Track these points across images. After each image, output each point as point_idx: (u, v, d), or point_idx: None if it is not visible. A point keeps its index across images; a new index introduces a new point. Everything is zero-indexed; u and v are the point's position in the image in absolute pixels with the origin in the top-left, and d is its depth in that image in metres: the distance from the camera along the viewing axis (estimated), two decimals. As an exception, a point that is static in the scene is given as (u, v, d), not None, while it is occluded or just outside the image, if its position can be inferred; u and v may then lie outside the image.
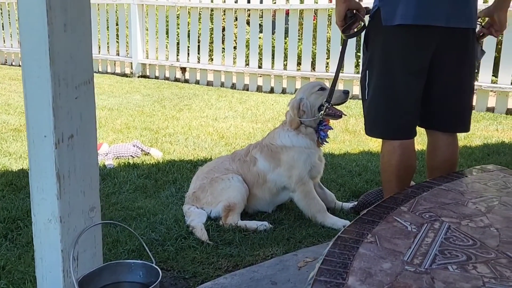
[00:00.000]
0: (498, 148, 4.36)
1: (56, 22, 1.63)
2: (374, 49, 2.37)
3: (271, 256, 2.49)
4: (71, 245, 1.76)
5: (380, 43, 2.33)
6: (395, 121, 2.37)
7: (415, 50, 2.29)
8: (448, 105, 2.40)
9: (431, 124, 2.47)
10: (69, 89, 1.71)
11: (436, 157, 2.49)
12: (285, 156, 2.87)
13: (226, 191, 2.83)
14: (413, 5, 2.21)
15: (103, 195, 3.18)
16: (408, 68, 2.29)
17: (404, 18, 2.23)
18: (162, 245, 2.54)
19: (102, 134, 4.67)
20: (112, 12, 8.71)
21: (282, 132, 2.93)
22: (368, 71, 2.41)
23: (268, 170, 2.90)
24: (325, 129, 2.91)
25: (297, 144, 2.88)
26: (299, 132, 2.89)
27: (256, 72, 7.58)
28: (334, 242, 1.26)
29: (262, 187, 2.92)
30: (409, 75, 2.30)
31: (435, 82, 2.35)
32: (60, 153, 1.70)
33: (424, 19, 2.21)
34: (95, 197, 1.86)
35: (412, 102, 2.35)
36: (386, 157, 2.43)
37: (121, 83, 7.88)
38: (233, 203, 2.80)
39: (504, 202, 1.53)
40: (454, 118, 2.43)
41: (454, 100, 2.39)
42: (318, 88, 2.92)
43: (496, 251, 1.23)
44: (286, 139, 2.89)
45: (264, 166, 2.91)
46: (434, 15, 2.22)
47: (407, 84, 2.31)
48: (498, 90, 5.97)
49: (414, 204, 1.51)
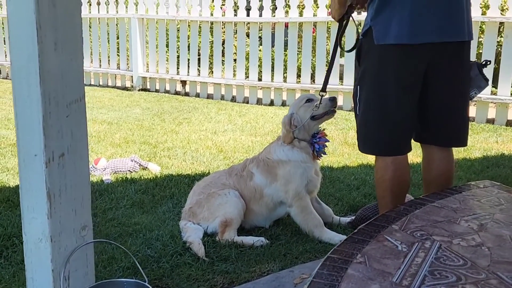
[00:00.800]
0: (497, 161, 4.33)
1: (46, 41, 1.64)
2: (366, 65, 2.37)
3: (267, 272, 2.47)
4: (62, 265, 1.75)
5: (372, 60, 2.33)
6: (386, 137, 2.37)
7: (407, 68, 2.29)
8: (443, 120, 2.38)
9: (426, 139, 2.47)
10: (60, 107, 1.70)
11: (432, 171, 2.47)
12: (281, 171, 2.87)
13: (223, 207, 2.82)
14: (405, 24, 2.21)
15: (100, 211, 3.17)
16: (400, 84, 2.29)
17: (396, 38, 2.23)
18: (158, 262, 2.53)
19: (101, 148, 4.67)
20: (113, 26, 8.76)
21: (277, 147, 2.93)
22: (359, 86, 2.41)
23: (264, 184, 2.89)
24: (320, 141, 2.90)
25: (293, 158, 2.87)
26: (294, 146, 2.88)
27: (256, 85, 7.59)
28: (323, 263, 1.25)
29: (259, 202, 2.90)
30: (400, 91, 2.30)
31: (429, 97, 2.35)
32: (51, 172, 1.69)
33: (416, 38, 2.21)
34: (87, 216, 1.85)
35: (403, 118, 2.34)
36: (380, 173, 2.42)
37: (122, 96, 7.90)
38: (229, 218, 2.78)
39: (496, 219, 1.51)
40: (449, 133, 2.42)
41: (449, 115, 2.37)
42: (305, 101, 2.92)
43: (487, 272, 1.21)
44: (281, 154, 2.89)
45: (260, 181, 2.90)
46: (427, 32, 2.22)
47: (398, 100, 2.30)
48: (498, 101, 5.96)
49: (405, 222, 1.50)
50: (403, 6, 2.21)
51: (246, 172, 2.95)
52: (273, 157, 2.90)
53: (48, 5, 1.64)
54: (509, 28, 5.89)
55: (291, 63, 7.33)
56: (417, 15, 2.21)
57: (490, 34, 6.00)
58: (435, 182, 2.42)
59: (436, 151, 2.44)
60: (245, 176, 2.94)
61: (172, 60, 8.32)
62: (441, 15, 2.22)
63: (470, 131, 5.37)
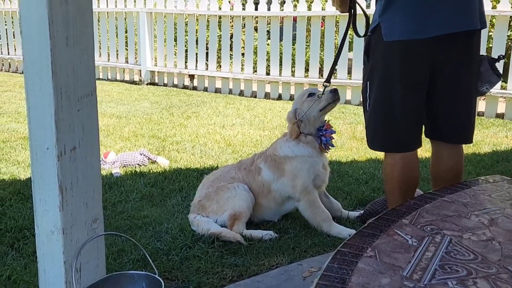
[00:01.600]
0: (507, 155, 4.31)
1: (58, 36, 1.65)
2: (375, 61, 2.34)
3: (276, 265, 2.48)
4: (73, 257, 1.76)
5: (380, 56, 2.31)
6: (394, 134, 2.35)
7: (415, 64, 2.25)
8: (449, 116, 2.36)
9: (434, 135, 2.44)
10: (71, 101, 1.71)
11: (440, 167, 2.45)
12: (288, 166, 2.88)
13: (232, 200, 2.84)
14: (411, 19, 2.19)
15: (109, 204, 3.20)
16: (407, 81, 2.26)
17: (403, 34, 2.20)
18: (167, 255, 2.55)
19: (110, 142, 4.70)
20: (121, 20, 8.78)
21: (283, 143, 2.94)
22: (369, 82, 2.38)
23: (272, 180, 2.91)
24: (326, 133, 2.90)
25: (299, 153, 2.88)
26: (299, 141, 2.89)
27: (264, 79, 7.58)
28: (333, 257, 1.25)
29: (267, 196, 2.92)
30: (408, 88, 2.27)
31: (436, 93, 2.31)
32: (63, 165, 1.71)
33: (423, 33, 2.18)
34: (98, 209, 1.86)
35: (411, 115, 2.32)
36: (388, 169, 2.40)
37: (130, 90, 7.93)
38: (239, 212, 2.80)
39: (507, 214, 1.51)
40: (455, 130, 2.38)
41: (455, 111, 2.34)
42: (307, 95, 2.93)
43: (498, 266, 1.21)
44: (287, 150, 2.90)
45: (268, 176, 2.92)
46: (434, 25, 2.18)
47: (405, 97, 2.27)
48: (508, 96, 5.92)
49: (416, 216, 1.50)
50: (409, 1, 2.19)
51: (254, 167, 2.96)
52: (280, 153, 2.92)
53: (60, 1, 1.65)
54: (520, 22, 5.84)
55: (299, 57, 7.31)
56: (423, 9, 2.18)
57: (501, 28, 5.96)
58: (443, 177, 2.39)
59: (445, 147, 2.41)
60: (253, 171, 2.95)
61: (180, 54, 8.33)
62: (449, 5, 2.18)
63: (480, 126, 5.37)
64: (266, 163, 2.94)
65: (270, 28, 7.56)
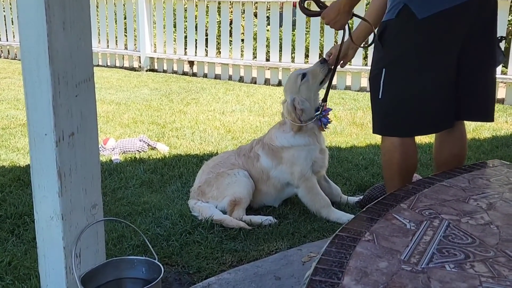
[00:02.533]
0: (507, 140, 4.31)
1: (55, 21, 1.63)
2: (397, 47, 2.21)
3: (275, 251, 2.49)
4: (73, 242, 1.77)
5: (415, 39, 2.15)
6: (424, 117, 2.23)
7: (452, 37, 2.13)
8: (478, 92, 2.25)
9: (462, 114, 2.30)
10: (69, 87, 1.71)
11: (444, 153, 2.41)
12: (285, 154, 2.88)
13: (232, 186, 2.84)
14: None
15: (109, 190, 3.20)
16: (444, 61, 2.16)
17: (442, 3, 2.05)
18: (167, 240, 2.55)
19: (109, 129, 4.69)
20: (120, 6, 8.72)
21: (279, 133, 2.91)
22: (385, 69, 2.23)
23: (270, 167, 2.91)
24: (326, 113, 2.85)
25: (295, 143, 2.86)
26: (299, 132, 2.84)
27: (264, 65, 7.55)
28: (332, 241, 1.26)
29: (266, 183, 2.93)
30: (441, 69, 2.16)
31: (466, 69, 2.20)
32: (61, 151, 1.70)
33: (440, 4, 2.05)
34: (97, 194, 1.87)
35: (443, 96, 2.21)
36: (387, 155, 2.36)
37: (129, 77, 7.90)
38: (239, 198, 2.81)
39: (505, 198, 1.51)
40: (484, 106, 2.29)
41: (485, 86, 2.25)
42: (300, 78, 2.83)
43: (495, 250, 1.21)
44: (284, 140, 2.88)
45: (266, 163, 2.92)
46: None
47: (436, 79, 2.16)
48: (508, 81, 5.90)
49: (414, 201, 1.50)
50: None
51: (253, 153, 2.96)
52: (276, 144, 2.90)
53: (56, -15, 1.63)
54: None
55: (299, 43, 7.27)
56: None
57: (501, 13, 5.90)
58: (446, 164, 2.30)
59: (450, 133, 2.34)
60: (252, 157, 2.95)
61: (180, 41, 8.29)
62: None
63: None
64: (263, 150, 2.93)
65: (270, 14, 7.51)
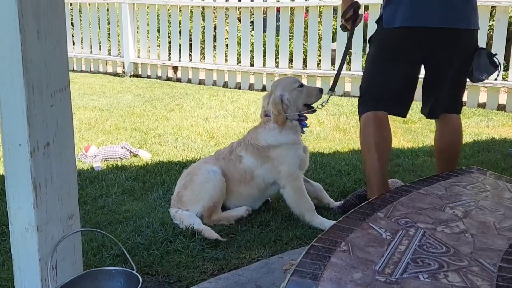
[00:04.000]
0: (488, 145, 4.35)
1: (29, 30, 1.62)
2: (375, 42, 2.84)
3: (257, 258, 2.48)
4: (49, 254, 1.75)
5: (380, 39, 2.80)
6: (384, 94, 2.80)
7: (407, 47, 2.71)
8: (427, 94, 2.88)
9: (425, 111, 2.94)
10: (44, 96, 1.69)
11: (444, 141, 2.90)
12: (272, 154, 2.85)
13: (205, 187, 2.83)
14: (408, 10, 2.61)
15: (90, 198, 3.17)
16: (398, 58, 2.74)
17: (401, 22, 2.64)
18: (148, 249, 2.53)
19: (91, 135, 4.65)
20: (103, 11, 8.67)
21: (265, 131, 2.88)
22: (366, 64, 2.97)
23: (255, 166, 2.87)
24: (305, 118, 2.94)
25: (283, 141, 2.85)
26: (282, 128, 2.85)
27: (248, 70, 7.55)
28: (307, 252, 1.25)
29: (249, 183, 2.89)
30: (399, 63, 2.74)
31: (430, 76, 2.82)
32: (36, 162, 1.68)
33: (417, 22, 2.61)
34: (74, 205, 1.85)
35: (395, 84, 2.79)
36: (362, 126, 2.83)
37: (113, 83, 7.85)
38: (214, 202, 2.82)
39: (481, 206, 1.52)
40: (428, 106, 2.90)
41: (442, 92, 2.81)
42: (298, 85, 2.92)
43: (469, 259, 1.22)
44: (271, 139, 2.86)
45: (251, 163, 2.88)
46: (426, 18, 2.61)
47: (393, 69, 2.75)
48: (489, 85, 5.96)
49: (391, 209, 1.50)
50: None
51: (234, 155, 2.92)
52: (262, 143, 2.86)
53: (31, -7, 1.62)
54: (501, 12, 5.88)
55: (283, 48, 7.29)
56: (419, 3, 2.62)
57: (482, 18, 5.96)
58: (445, 151, 2.90)
59: (447, 125, 2.88)
60: (233, 160, 2.91)
61: (164, 46, 8.26)
62: (442, 3, 2.60)
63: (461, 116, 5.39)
64: (247, 151, 2.89)
65: (254, 19, 7.52)
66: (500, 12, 5.87)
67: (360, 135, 2.86)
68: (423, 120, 5.27)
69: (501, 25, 5.88)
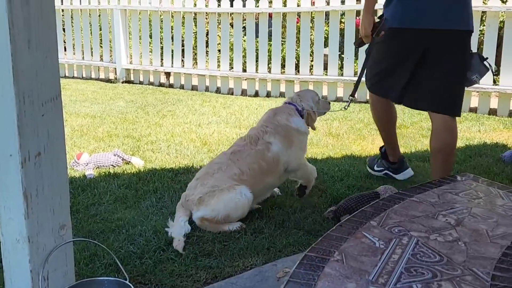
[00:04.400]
0: (480, 150, 4.37)
1: (19, 39, 1.60)
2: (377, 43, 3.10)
3: (250, 266, 2.47)
4: (40, 265, 1.73)
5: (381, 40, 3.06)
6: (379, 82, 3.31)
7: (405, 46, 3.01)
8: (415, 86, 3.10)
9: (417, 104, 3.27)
10: (35, 106, 1.68)
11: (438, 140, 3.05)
12: (296, 139, 3.11)
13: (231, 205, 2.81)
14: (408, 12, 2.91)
15: (82, 207, 3.15)
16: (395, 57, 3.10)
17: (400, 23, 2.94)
18: (140, 258, 2.51)
19: (83, 143, 4.63)
20: (95, 17, 8.65)
21: (296, 117, 3.17)
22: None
23: (281, 151, 3.03)
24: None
25: (306, 131, 3.21)
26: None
27: (241, 76, 7.56)
28: (300, 262, 1.25)
29: (275, 171, 3.03)
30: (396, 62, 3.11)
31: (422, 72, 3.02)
32: (27, 172, 1.67)
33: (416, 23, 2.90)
34: (65, 215, 1.83)
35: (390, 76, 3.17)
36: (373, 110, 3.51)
37: (105, 89, 7.82)
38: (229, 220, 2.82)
39: (474, 213, 1.53)
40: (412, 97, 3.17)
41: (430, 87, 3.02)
42: (319, 98, 3.42)
43: (462, 267, 1.22)
44: (301, 124, 3.17)
45: (278, 148, 3.03)
46: (425, 20, 2.88)
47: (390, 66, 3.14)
48: (480, 90, 6.00)
49: (384, 218, 1.50)
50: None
51: (262, 144, 3.01)
52: (292, 125, 3.12)
53: (21, 3, 1.61)
54: (491, 17, 5.92)
55: (275, 53, 7.30)
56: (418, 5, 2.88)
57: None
58: (441, 151, 3.03)
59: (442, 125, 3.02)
60: (261, 149, 2.99)
61: (156, 52, 8.25)
62: (441, 6, 2.84)
63: (453, 120, 5.45)
64: (276, 135, 3.04)
65: (246, 24, 7.53)
66: (491, 17, 5.92)
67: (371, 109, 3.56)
68: (415, 125, 5.29)
69: (491, 30, 5.92)
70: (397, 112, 3.61)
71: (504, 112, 5.89)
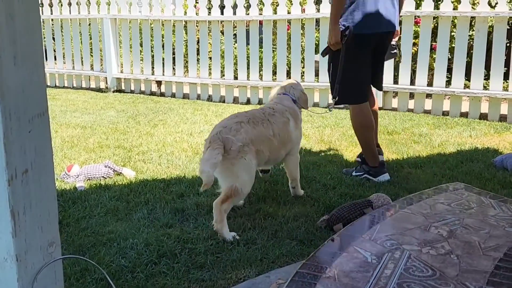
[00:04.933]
0: (471, 155, 4.38)
1: (5, 56, 1.58)
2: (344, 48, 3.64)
3: (243, 278, 2.45)
4: (29, 284, 1.70)
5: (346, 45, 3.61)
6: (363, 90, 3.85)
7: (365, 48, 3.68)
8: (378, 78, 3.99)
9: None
10: (21, 123, 1.65)
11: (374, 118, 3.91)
12: (299, 123, 3.46)
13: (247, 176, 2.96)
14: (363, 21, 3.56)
15: (72, 220, 3.12)
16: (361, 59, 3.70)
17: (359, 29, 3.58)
18: (132, 272, 2.49)
19: (74, 154, 4.59)
20: (85, 26, 8.63)
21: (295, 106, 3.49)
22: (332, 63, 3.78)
23: (293, 129, 3.33)
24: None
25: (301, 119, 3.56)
26: None
27: (232, 84, 7.55)
28: (292, 279, 1.23)
29: (286, 146, 3.29)
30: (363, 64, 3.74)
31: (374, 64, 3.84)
32: (14, 190, 1.64)
33: (370, 29, 3.61)
34: (54, 232, 1.80)
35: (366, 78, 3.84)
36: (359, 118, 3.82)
37: (96, 98, 7.79)
38: (243, 191, 2.95)
39: (466, 225, 1.52)
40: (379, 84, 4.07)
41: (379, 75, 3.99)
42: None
43: (455, 282, 1.21)
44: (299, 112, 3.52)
45: (292, 127, 3.33)
46: (375, 26, 3.62)
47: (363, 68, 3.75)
48: (471, 95, 6.03)
49: (376, 231, 1.49)
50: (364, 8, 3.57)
51: (285, 117, 3.30)
52: (299, 115, 3.48)
53: (6, 19, 1.58)
54: (480, 23, 5.95)
55: (266, 60, 7.31)
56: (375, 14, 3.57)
57: (462, 29, 6.07)
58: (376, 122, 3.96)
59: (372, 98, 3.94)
60: (286, 122, 3.29)
61: (147, 60, 8.23)
62: (384, 14, 3.60)
63: (444, 126, 5.50)
64: (292, 116, 3.35)
65: (237, 32, 7.54)
66: (480, 23, 5.95)
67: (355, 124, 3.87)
68: (407, 131, 5.30)
69: (480, 35, 5.96)
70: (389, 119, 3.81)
71: (495, 116, 5.92)
